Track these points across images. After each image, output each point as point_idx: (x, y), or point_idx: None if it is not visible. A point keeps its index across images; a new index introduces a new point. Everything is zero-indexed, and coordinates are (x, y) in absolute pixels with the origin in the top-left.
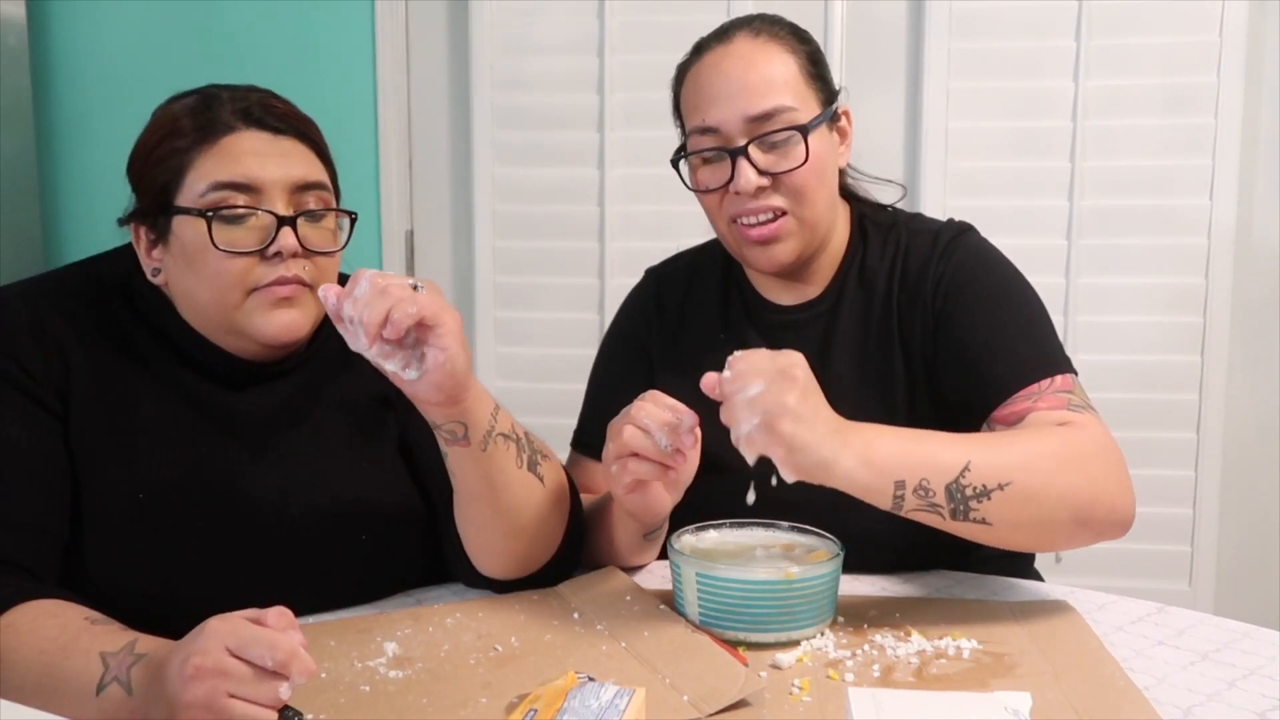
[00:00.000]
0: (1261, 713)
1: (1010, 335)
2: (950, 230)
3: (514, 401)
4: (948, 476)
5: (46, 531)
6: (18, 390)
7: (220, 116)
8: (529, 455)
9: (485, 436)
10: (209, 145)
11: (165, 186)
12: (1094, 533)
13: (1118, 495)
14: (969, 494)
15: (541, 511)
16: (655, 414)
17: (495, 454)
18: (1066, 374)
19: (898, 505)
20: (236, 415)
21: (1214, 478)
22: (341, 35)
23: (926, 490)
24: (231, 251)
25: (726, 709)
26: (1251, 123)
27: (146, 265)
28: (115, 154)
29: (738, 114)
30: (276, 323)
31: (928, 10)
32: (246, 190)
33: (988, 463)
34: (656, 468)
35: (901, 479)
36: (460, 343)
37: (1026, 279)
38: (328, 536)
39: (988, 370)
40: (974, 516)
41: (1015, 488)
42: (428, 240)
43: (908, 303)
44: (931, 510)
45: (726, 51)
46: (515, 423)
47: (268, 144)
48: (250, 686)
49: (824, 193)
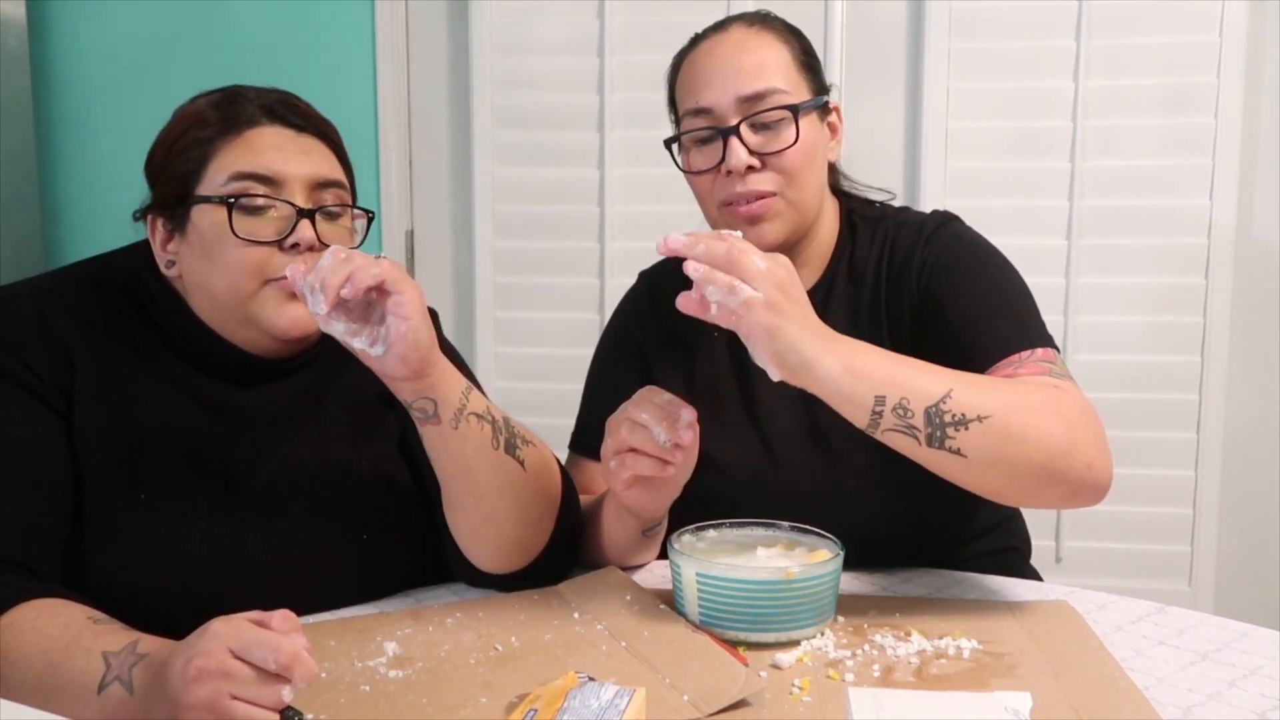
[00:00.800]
0: (1261, 713)
1: (992, 310)
2: (935, 220)
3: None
4: (928, 400)
5: (50, 531)
6: (22, 389)
7: (244, 110)
8: (506, 437)
9: (456, 414)
10: (232, 137)
11: (187, 176)
12: (1069, 488)
13: (1095, 454)
14: (947, 420)
15: (523, 495)
16: (653, 409)
17: (468, 433)
18: (1048, 347)
19: (874, 422)
20: (241, 414)
21: (1214, 478)
22: (341, 35)
23: (905, 410)
24: (250, 240)
25: (726, 709)
26: (1251, 123)
27: (161, 258)
28: (115, 153)
29: (730, 94)
30: (289, 316)
31: (928, 10)
32: (267, 182)
33: (970, 394)
34: (655, 463)
35: (883, 394)
36: (421, 314)
37: (1009, 261)
38: (329, 536)
39: (969, 341)
40: (949, 445)
41: (994, 422)
42: (428, 240)
43: (894, 291)
44: (908, 432)
45: (722, 39)
46: (492, 405)
47: (290, 140)
48: (253, 688)
49: (813, 177)
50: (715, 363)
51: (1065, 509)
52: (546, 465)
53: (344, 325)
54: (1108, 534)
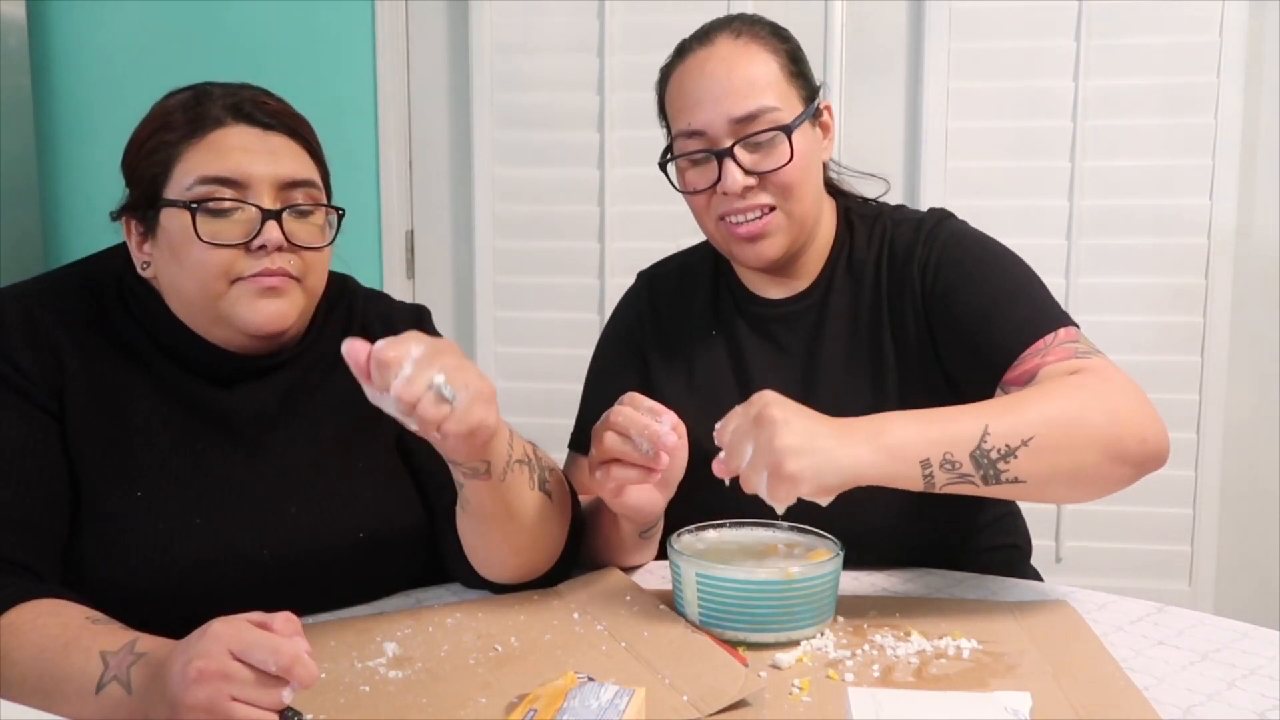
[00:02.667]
0: (1261, 713)
1: (1005, 301)
2: (932, 217)
3: (514, 401)
4: (969, 445)
5: (46, 531)
6: (14, 392)
7: (210, 111)
8: (539, 475)
9: (504, 469)
10: (197, 139)
11: (154, 179)
12: (1133, 466)
13: (1145, 424)
14: (994, 457)
15: (549, 525)
16: (633, 418)
17: (512, 481)
18: (1069, 326)
19: (930, 484)
20: (229, 413)
21: (1214, 478)
22: (341, 35)
23: (953, 463)
24: (215, 243)
25: (726, 709)
26: (1251, 123)
27: (137, 259)
28: (115, 153)
29: (722, 116)
30: (263, 313)
31: (928, 10)
32: (233, 185)
33: (1005, 423)
34: (639, 471)
35: (926, 458)
36: (495, 409)
37: (1010, 249)
38: (325, 535)
39: (989, 338)
40: (1005, 478)
41: (1039, 440)
42: (428, 240)
43: (896, 290)
44: (963, 481)
45: (709, 54)
46: (525, 443)
47: (257, 140)
48: (253, 690)
49: (809, 188)
50: (714, 362)
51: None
52: (563, 489)
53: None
54: (1108, 534)
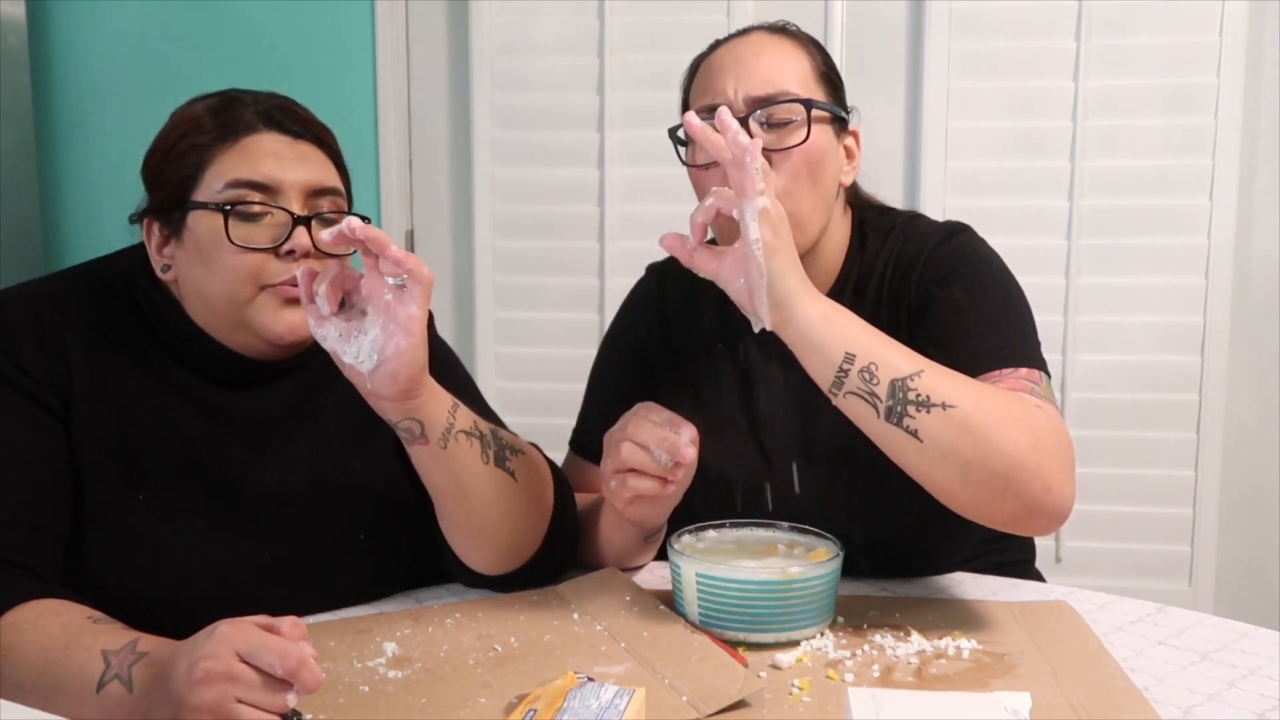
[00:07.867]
0: (1261, 713)
1: (985, 324)
2: (943, 231)
3: (514, 401)
4: (897, 373)
5: (50, 532)
6: (19, 392)
7: (242, 116)
8: (496, 451)
9: (444, 434)
10: (229, 143)
11: (183, 182)
12: (1022, 506)
13: (1058, 478)
14: (911, 398)
15: (515, 506)
16: (653, 430)
17: (457, 452)
18: (1034, 369)
19: (839, 381)
20: (237, 415)
21: (1214, 478)
22: (341, 35)
23: (871, 375)
24: (246, 247)
25: (726, 709)
26: (1251, 123)
27: (157, 262)
28: (115, 153)
29: (741, 92)
30: (285, 321)
31: (928, 10)
32: (264, 189)
33: (941, 380)
34: (656, 482)
35: (853, 352)
36: (424, 336)
37: (1016, 280)
38: (327, 536)
39: (956, 349)
40: (907, 425)
41: (958, 413)
42: (428, 240)
43: (893, 302)
44: (869, 399)
45: (741, 40)
46: (478, 420)
47: (286, 147)
48: (258, 693)
49: (813, 190)
50: (718, 372)
51: (1014, 532)
52: (537, 472)
53: (337, 328)
54: (1108, 534)
